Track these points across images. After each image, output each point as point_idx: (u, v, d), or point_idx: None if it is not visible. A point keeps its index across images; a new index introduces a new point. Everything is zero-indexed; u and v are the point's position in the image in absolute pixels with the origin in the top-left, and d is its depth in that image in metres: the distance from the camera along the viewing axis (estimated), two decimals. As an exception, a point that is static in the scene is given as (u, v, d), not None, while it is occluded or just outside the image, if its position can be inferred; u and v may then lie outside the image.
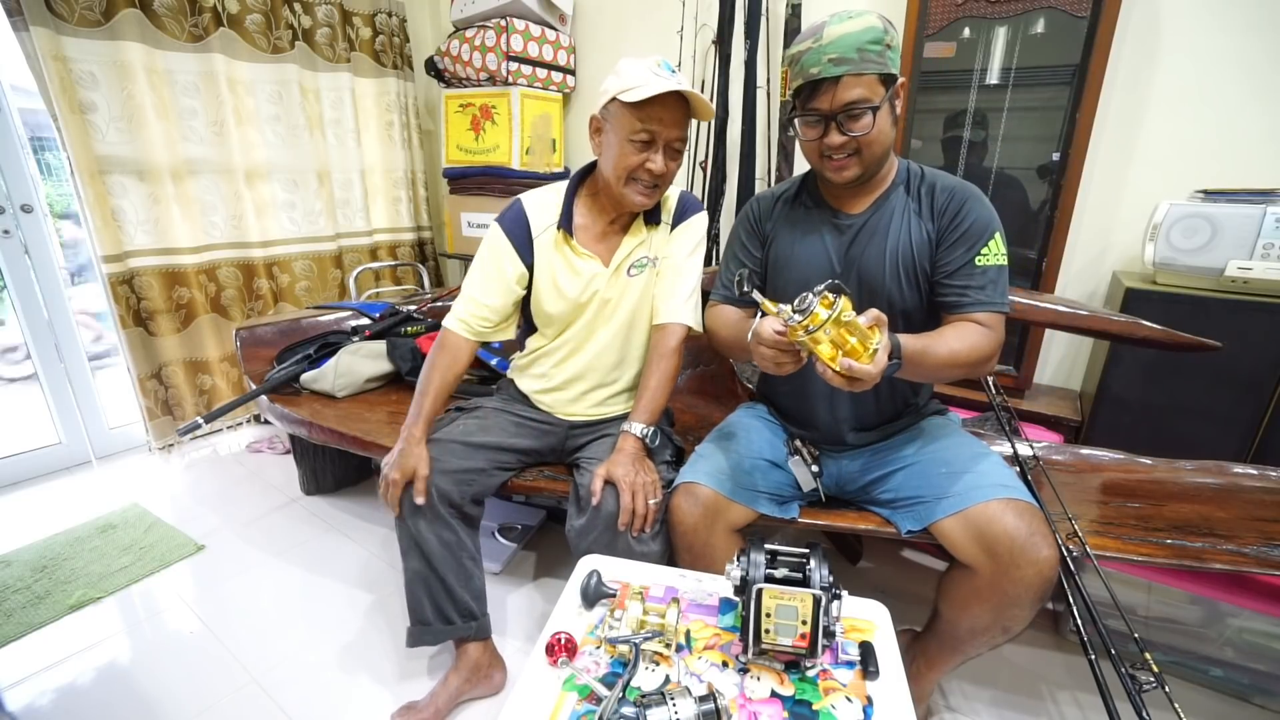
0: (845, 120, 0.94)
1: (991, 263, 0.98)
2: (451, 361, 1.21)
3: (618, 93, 1.05)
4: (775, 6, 2.10)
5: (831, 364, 0.79)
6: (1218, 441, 1.46)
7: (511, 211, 1.23)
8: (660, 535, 1.08)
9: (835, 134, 0.95)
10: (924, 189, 1.03)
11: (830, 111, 0.94)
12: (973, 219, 0.98)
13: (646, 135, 1.07)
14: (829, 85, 0.92)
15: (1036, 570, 0.87)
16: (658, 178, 1.12)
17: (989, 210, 1.00)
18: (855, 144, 0.95)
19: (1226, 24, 1.55)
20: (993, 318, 0.99)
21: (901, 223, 1.03)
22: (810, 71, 0.92)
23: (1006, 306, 0.99)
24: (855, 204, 1.07)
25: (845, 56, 0.90)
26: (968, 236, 0.98)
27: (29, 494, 2.01)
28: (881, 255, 1.03)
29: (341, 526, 1.83)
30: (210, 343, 2.30)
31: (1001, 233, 1.00)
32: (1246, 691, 1.24)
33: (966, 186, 1.01)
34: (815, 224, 1.09)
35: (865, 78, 0.91)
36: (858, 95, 0.91)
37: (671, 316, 1.21)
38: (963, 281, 0.99)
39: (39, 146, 2.17)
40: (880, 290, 1.04)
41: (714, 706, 0.64)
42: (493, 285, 1.22)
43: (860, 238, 1.05)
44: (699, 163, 2.28)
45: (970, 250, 0.98)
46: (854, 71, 0.90)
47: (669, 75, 1.05)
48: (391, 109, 2.77)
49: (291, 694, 1.25)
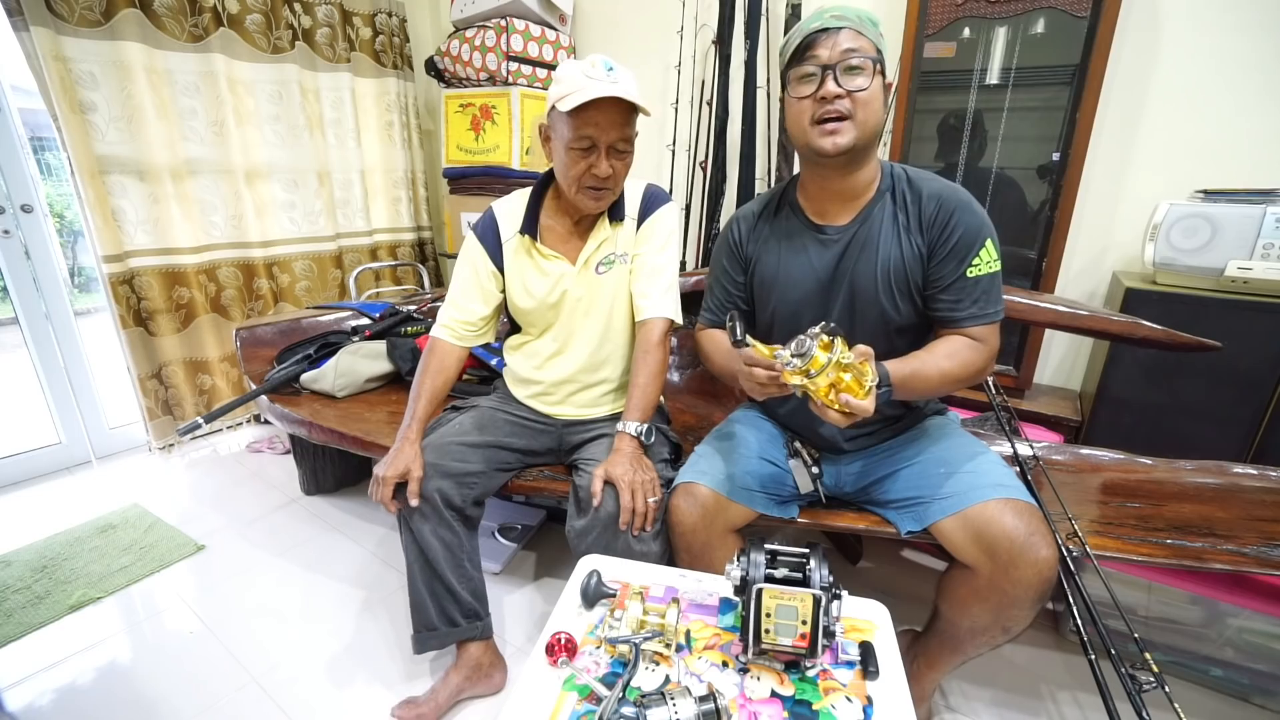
0: (844, 74, 0.91)
1: (984, 272, 0.96)
2: (441, 366, 1.24)
3: (555, 100, 1.06)
4: (775, 6, 2.10)
5: (831, 404, 0.79)
6: (1218, 441, 1.46)
7: (484, 219, 1.27)
8: (660, 535, 1.08)
9: (831, 83, 0.91)
10: (910, 197, 1.00)
11: (829, 61, 0.91)
12: (962, 229, 0.95)
13: (586, 141, 1.07)
14: (829, 35, 0.90)
15: (1036, 570, 0.87)
16: (604, 181, 1.12)
17: (979, 216, 0.97)
18: (851, 104, 0.91)
19: (1226, 24, 1.55)
20: (985, 330, 0.98)
21: (891, 235, 1.00)
22: (812, 25, 0.92)
23: (1000, 315, 0.98)
24: (840, 214, 1.03)
25: (847, 14, 0.91)
26: (958, 249, 0.96)
27: (29, 494, 2.01)
28: (873, 270, 1.00)
29: (341, 526, 1.83)
30: (210, 343, 2.30)
31: (993, 238, 0.97)
32: (1246, 691, 1.24)
33: (954, 193, 0.98)
34: (799, 240, 1.06)
35: (865, 39, 0.91)
36: (858, 45, 0.90)
37: (651, 312, 1.21)
38: (954, 296, 0.97)
39: (39, 146, 2.17)
40: (873, 306, 1.01)
41: (714, 706, 0.64)
42: (472, 291, 1.26)
43: (850, 251, 1.02)
44: (699, 163, 2.28)
45: (961, 263, 0.96)
46: (854, 27, 0.91)
47: (604, 76, 1.04)
48: (391, 109, 2.77)
49: (291, 694, 1.25)
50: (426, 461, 1.14)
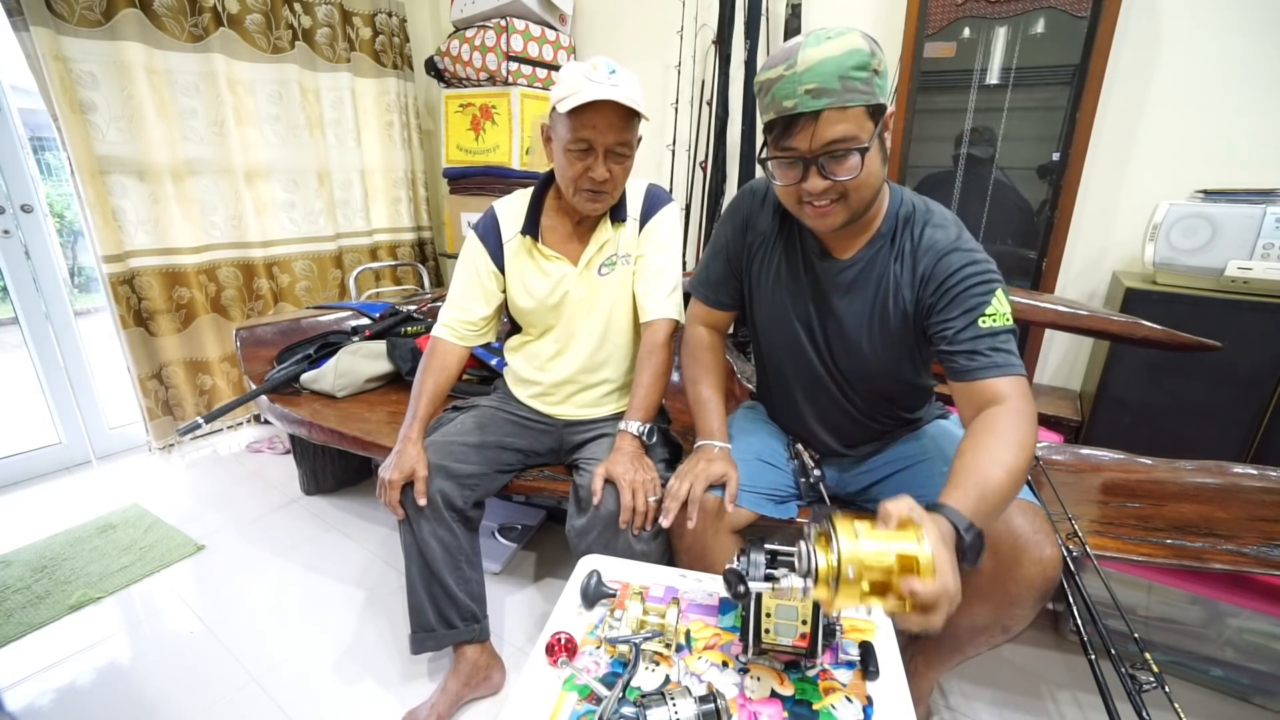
0: (828, 162, 0.80)
1: (999, 325, 0.84)
2: (442, 366, 1.24)
3: (555, 101, 1.05)
4: (775, 6, 2.10)
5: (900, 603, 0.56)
6: (1218, 441, 1.46)
7: (485, 219, 1.26)
8: (660, 534, 1.08)
9: (816, 178, 0.81)
10: (909, 246, 0.91)
11: (809, 153, 0.80)
12: (960, 276, 0.86)
13: (583, 144, 1.07)
14: (807, 121, 0.78)
15: (1040, 570, 0.86)
16: (601, 184, 1.11)
17: (980, 266, 0.86)
18: (841, 188, 0.82)
19: (1226, 24, 1.55)
20: (1013, 384, 0.82)
21: (889, 283, 0.93)
22: (784, 105, 0.78)
23: (1024, 370, 0.85)
24: (844, 247, 0.96)
25: (825, 86, 0.76)
26: (962, 299, 0.86)
27: (29, 494, 2.01)
28: (862, 316, 0.95)
29: (341, 526, 1.83)
30: (210, 343, 2.30)
31: (1003, 288, 0.87)
32: (1246, 691, 1.24)
33: (953, 244, 0.88)
34: (799, 259, 1.01)
35: (851, 111, 0.77)
36: (842, 132, 0.78)
37: (656, 313, 1.21)
38: (968, 347, 0.85)
39: (39, 146, 2.17)
40: (858, 351, 0.98)
41: (714, 706, 0.64)
42: (473, 291, 1.26)
43: (844, 288, 0.96)
44: (699, 163, 2.28)
45: (971, 312, 0.85)
46: (836, 105, 0.76)
47: (606, 78, 1.03)
48: (391, 109, 2.77)
49: (291, 694, 1.25)
50: (430, 461, 1.14)
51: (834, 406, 1.09)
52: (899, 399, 1.07)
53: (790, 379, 1.11)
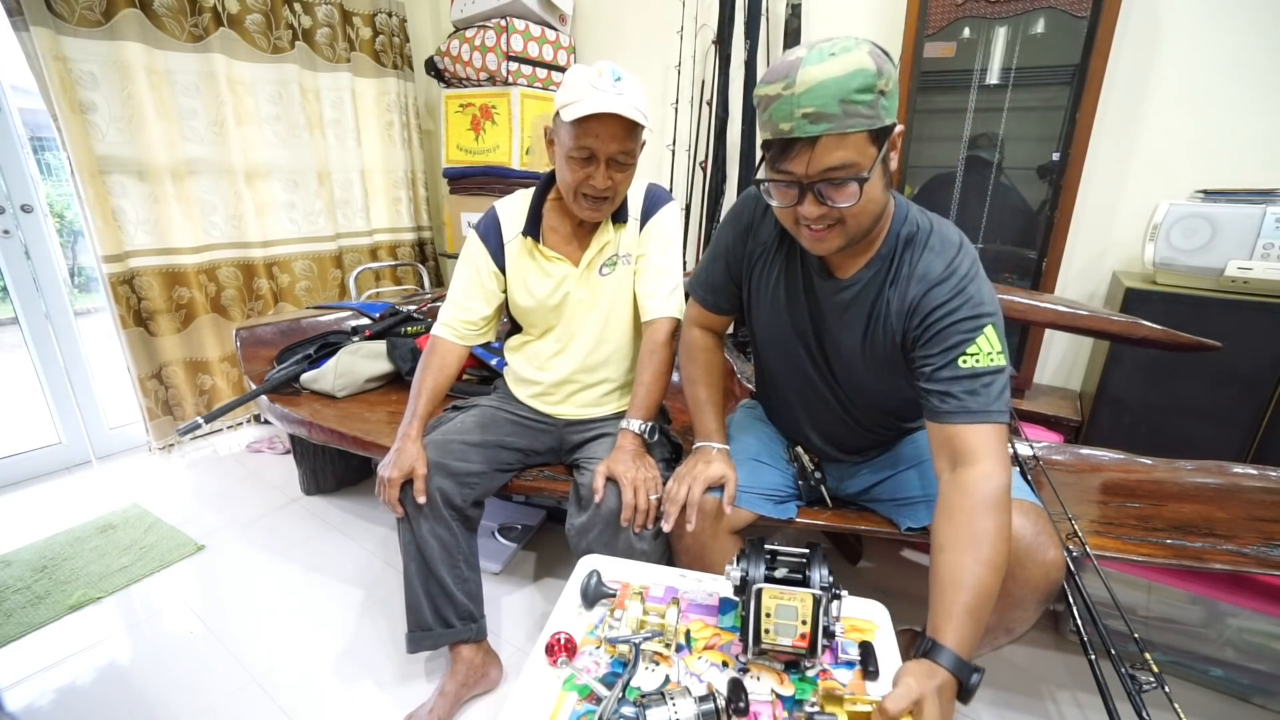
0: (825, 188, 0.76)
1: (981, 365, 0.80)
2: (442, 364, 1.24)
3: (559, 106, 1.05)
4: (775, 6, 2.10)
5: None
6: (1218, 441, 1.46)
7: (486, 219, 1.26)
8: (661, 535, 1.08)
9: (812, 205, 0.77)
10: (905, 268, 0.87)
11: (806, 178, 0.76)
12: (945, 310, 0.82)
13: (585, 151, 1.06)
14: (804, 146, 0.73)
15: (1043, 571, 0.86)
16: (601, 192, 1.11)
17: (968, 299, 0.81)
18: (838, 214, 0.78)
19: (1226, 24, 1.55)
20: (986, 435, 0.78)
21: (882, 309, 0.90)
22: (780, 128, 0.74)
23: (1004, 417, 0.80)
24: (845, 266, 0.93)
25: (824, 111, 0.70)
26: (943, 334, 0.82)
27: (29, 494, 2.01)
28: (857, 339, 0.94)
29: (341, 526, 1.83)
30: (210, 343, 2.30)
31: (996, 326, 0.81)
32: (1246, 691, 1.24)
33: (942, 271, 0.84)
34: (799, 274, 0.98)
35: (851, 137, 0.72)
36: (840, 160, 0.73)
37: (657, 312, 1.22)
38: (942, 387, 0.82)
39: (39, 146, 2.17)
40: (856, 370, 0.98)
41: (714, 706, 0.64)
42: (473, 291, 1.26)
43: (841, 309, 0.94)
44: (699, 163, 2.28)
45: (950, 350, 0.81)
46: (835, 131, 0.71)
47: (611, 86, 1.02)
48: (391, 109, 2.77)
49: (291, 694, 1.24)
50: (429, 459, 1.14)
51: (833, 418, 1.08)
52: (898, 412, 1.07)
53: (789, 389, 1.12)
